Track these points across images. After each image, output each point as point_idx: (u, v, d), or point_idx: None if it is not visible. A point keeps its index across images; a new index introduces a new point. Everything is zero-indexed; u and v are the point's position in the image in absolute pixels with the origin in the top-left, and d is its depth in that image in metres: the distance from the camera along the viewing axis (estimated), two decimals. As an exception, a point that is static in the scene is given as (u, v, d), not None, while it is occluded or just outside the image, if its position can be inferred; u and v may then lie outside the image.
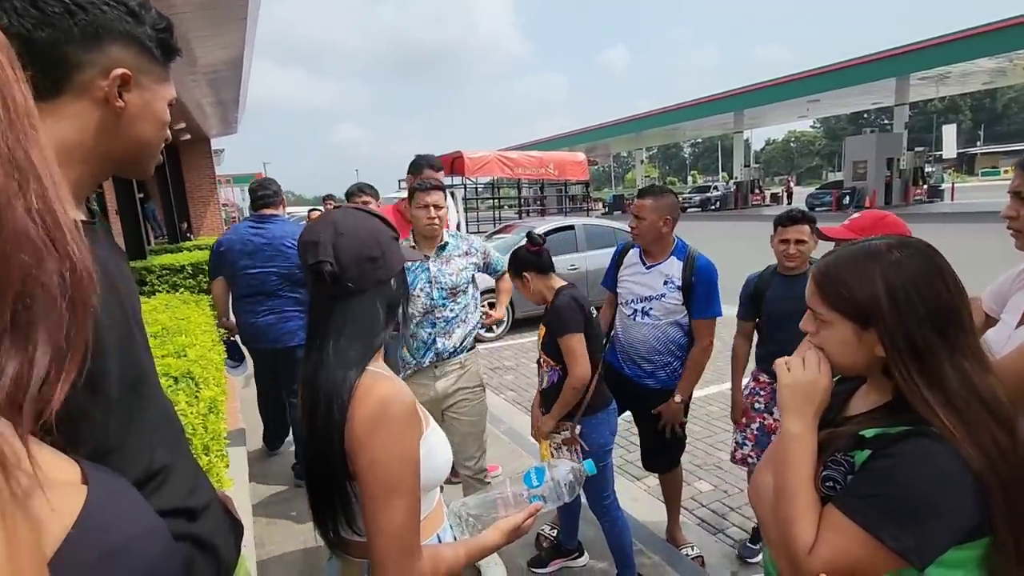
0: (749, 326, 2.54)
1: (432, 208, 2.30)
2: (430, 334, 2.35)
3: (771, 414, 2.43)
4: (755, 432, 2.48)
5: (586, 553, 2.57)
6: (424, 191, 2.31)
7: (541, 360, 2.25)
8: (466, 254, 2.46)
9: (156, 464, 0.78)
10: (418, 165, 3.17)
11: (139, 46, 0.79)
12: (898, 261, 0.89)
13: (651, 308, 2.36)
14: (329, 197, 5.80)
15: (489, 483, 2.45)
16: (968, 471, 0.80)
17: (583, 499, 2.47)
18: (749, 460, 2.52)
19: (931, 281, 0.88)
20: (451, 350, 2.38)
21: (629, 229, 2.44)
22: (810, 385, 0.96)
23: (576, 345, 2.07)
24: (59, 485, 0.48)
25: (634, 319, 2.40)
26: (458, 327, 2.39)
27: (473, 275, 2.50)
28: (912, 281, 0.88)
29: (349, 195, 3.61)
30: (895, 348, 0.87)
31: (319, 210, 5.72)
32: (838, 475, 0.91)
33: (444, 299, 2.36)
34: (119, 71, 0.76)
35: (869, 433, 0.90)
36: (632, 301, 2.41)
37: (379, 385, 0.94)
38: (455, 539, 1.08)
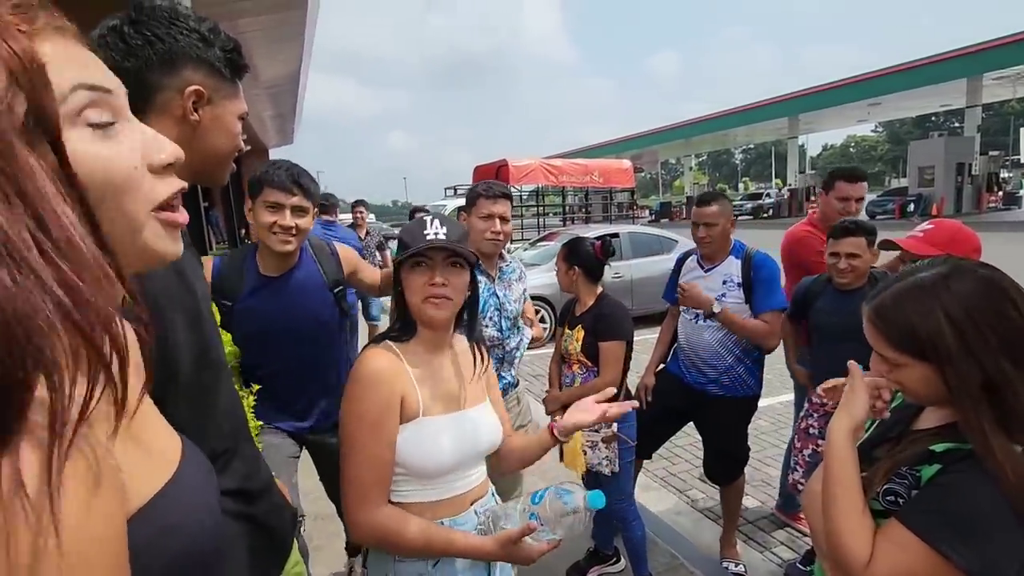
0: (795, 329, 2.49)
1: (498, 220, 1.97)
2: (496, 369, 2.11)
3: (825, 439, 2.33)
4: (807, 459, 2.38)
5: (623, 559, 2.54)
6: (490, 198, 1.97)
7: (574, 361, 2.24)
8: (519, 279, 2.19)
9: (220, 447, 0.85)
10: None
11: (210, 67, 0.87)
12: (957, 291, 0.85)
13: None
14: (360, 203, 5.90)
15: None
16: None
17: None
18: (799, 487, 2.42)
19: (997, 306, 0.83)
20: (515, 383, 2.17)
21: (698, 239, 2.36)
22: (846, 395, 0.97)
23: (618, 352, 2.15)
24: (156, 456, 0.53)
25: (696, 322, 2.38)
26: (517, 356, 2.16)
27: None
28: (976, 310, 0.83)
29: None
30: (962, 386, 0.83)
31: (361, 210, 5.87)
32: (901, 489, 0.88)
33: (509, 329, 2.09)
34: (192, 89, 0.85)
35: (939, 447, 0.86)
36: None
37: (368, 354, 1.09)
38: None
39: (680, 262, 2.58)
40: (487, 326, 2.03)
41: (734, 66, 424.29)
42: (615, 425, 2.20)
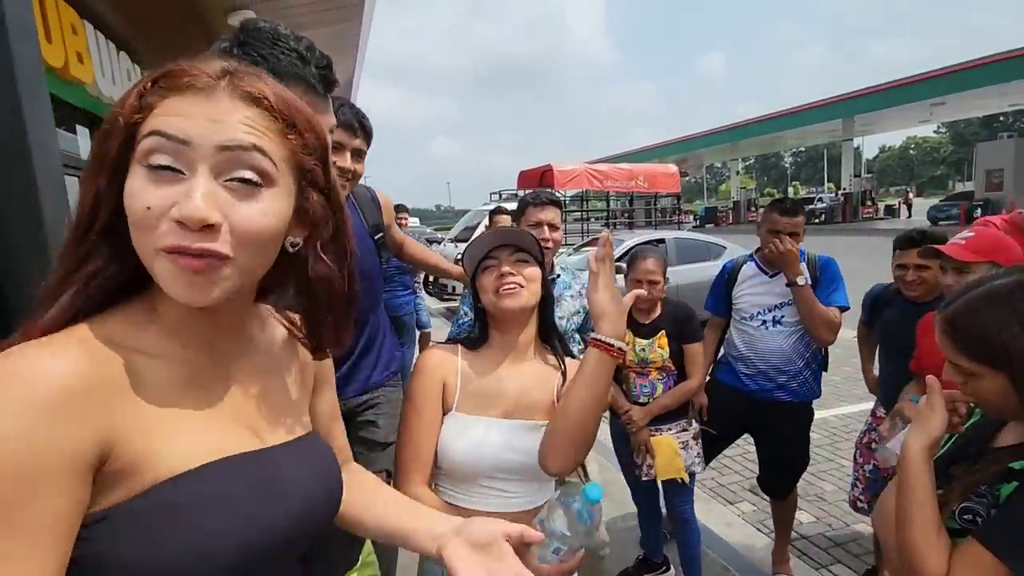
0: (869, 334, 2.45)
1: (546, 227, 1.91)
2: None
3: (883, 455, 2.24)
4: (867, 474, 2.30)
5: (672, 568, 2.52)
6: (538, 206, 1.94)
7: (651, 369, 2.21)
8: (575, 297, 2.02)
9: None
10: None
11: (306, 84, 0.94)
12: None
13: (783, 315, 2.28)
14: (400, 208, 5.95)
15: (607, 553, 2.19)
16: None
17: (663, 507, 2.47)
18: (859, 503, 2.35)
19: None
20: None
21: (783, 248, 2.17)
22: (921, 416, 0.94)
23: (702, 352, 2.27)
24: (253, 425, 0.61)
25: (766, 328, 2.32)
26: None
27: (583, 320, 2.05)
28: None
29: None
30: None
31: (404, 216, 5.96)
32: (980, 508, 0.86)
33: None
34: None
35: (1019, 465, 0.85)
36: (759, 313, 2.34)
37: (428, 349, 1.24)
38: None
39: (728, 270, 2.51)
40: None
41: (785, 66, 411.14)
42: (695, 424, 2.26)
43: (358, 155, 1.59)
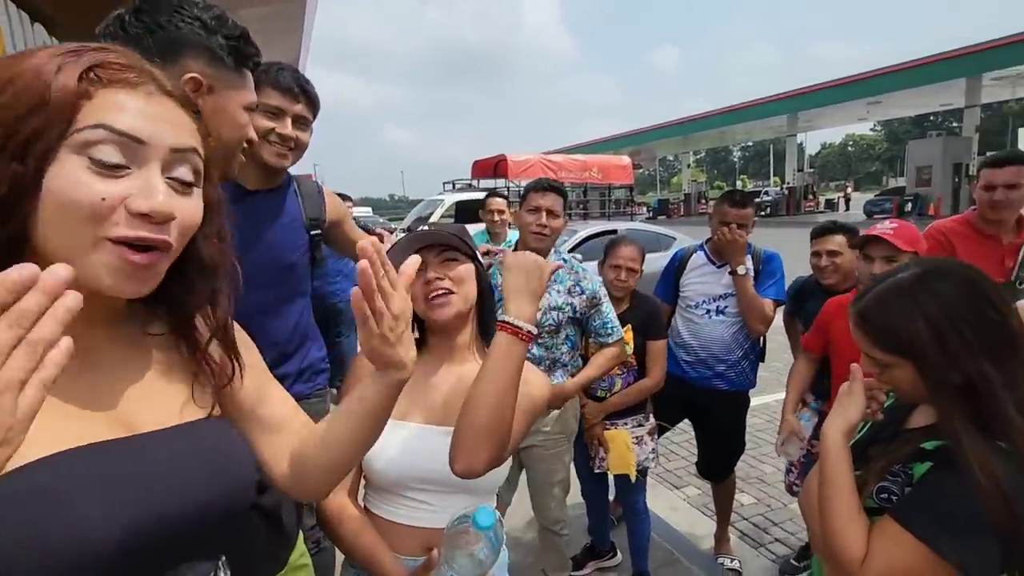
0: (795, 323, 2.52)
1: (544, 213, 1.90)
2: None
3: (819, 440, 2.31)
4: (801, 460, 2.39)
5: (619, 553, 2.56)
6: (538, 191, 1.93)
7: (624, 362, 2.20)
8: (568, 292, 1.96)
9: None
10: None
11: (211, 55, 0.86)
12: (935, 291, 0.86)
13: (726, 306, 2.33)
14: (342, 197, 5.60)
15: (567, 535, 2.13)
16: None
17: (610, 496, 2.52)
18: (795, 488, 2.44)
19: (976, 306, 0.84)
20: None
21: (730, 237, 2.20)
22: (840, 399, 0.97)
23: (665, 348, 2.25)
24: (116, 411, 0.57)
25: (709, 318, 2.36)
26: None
27: (570, 318, 1.96)
28: (954, 309, 0.84)
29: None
30: (938, 386, 0.84)
31: (349, 204, 5.69)
32: (895, 487, 0.89)
33: (536, 345, 1.92)
34: (188, 77, 0.84)
35: (930, 445, 0.87)
36: (704, 301, 2.38)
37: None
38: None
39: (678, 258, 2.54)
40: None
41: (734, 62, 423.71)
42: (652, 419, 2.26)
43: (300, 122, 1.43)
